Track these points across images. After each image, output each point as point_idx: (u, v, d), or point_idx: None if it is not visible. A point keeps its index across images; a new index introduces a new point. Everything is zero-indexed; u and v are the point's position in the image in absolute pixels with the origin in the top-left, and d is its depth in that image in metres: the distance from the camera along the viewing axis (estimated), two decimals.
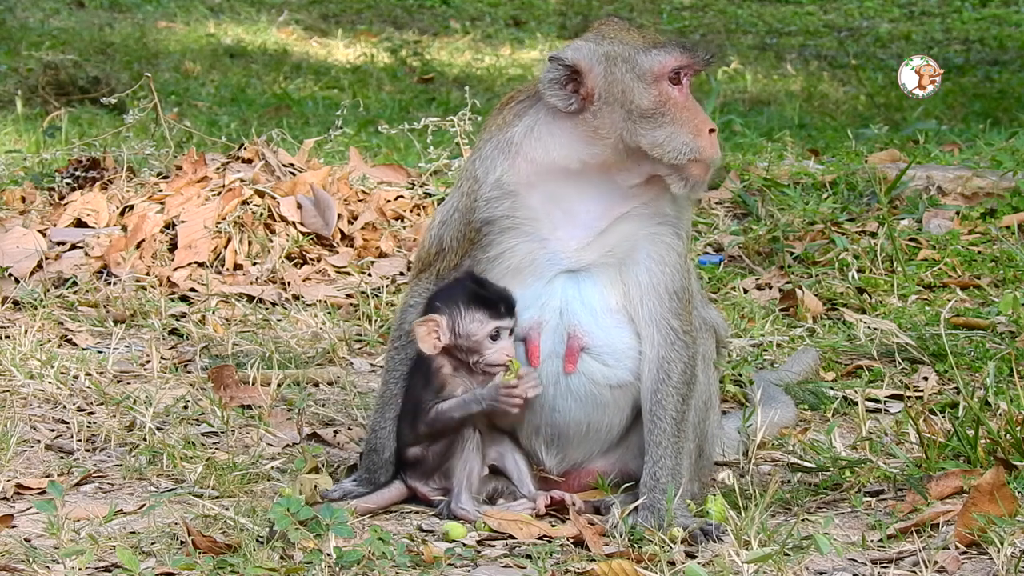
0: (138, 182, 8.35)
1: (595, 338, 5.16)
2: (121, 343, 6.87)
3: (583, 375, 5.17)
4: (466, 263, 5.21)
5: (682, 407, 5.16)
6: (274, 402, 6.19)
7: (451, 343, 5.18)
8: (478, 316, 5.14)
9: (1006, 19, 18.92)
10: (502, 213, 5.17)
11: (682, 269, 5.20)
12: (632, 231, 5.16)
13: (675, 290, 5.18)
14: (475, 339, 5.14)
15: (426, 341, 5.17)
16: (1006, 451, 5.25)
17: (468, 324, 5.14)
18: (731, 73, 15.79)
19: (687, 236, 5.26)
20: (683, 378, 5.17)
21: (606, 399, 5.20)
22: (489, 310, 5.12)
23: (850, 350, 6.84)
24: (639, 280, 5.17)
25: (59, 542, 4.78)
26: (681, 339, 5.18)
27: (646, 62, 5.10)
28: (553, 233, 5.16)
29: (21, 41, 16.05)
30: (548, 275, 5.17)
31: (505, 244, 5.18)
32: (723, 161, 9.23)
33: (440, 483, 5.23)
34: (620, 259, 5.17)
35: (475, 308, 5.13)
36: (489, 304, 5.12)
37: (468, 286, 5.16)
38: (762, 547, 4.68)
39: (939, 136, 11.39)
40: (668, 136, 5.05)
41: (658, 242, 5.18)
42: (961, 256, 7.86)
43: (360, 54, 16.81)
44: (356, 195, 8.37)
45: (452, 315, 5.15)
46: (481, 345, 5.15)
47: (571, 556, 4.83)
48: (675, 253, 5.19)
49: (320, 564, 4.53)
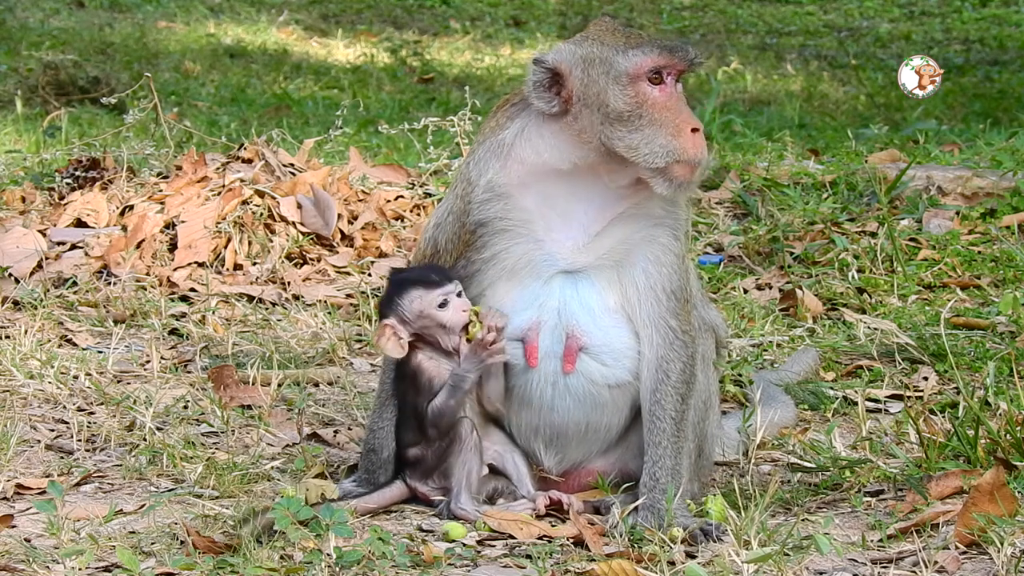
0: (138, 182, 8.35)
1: (593, 338, 5.16)
2: (121, 343, 6.87)
3: (582, 375, 5.17)
4: (460, 265, 5.21)
5: (681, 407, 5.16)
6: (274, 402, 6.19)
7: (415, 333, 5.18)
8: (415, 294, 5.15)
9: (1006, 19, 18.92)
10: (495, 215, 5.17)
11: (679, 269, 5.19)
12: (627, 233, 5.16)
13: (672, 290, 5.17)
14: (427, 315, 5.15)
15: (391, 346, 5.18)
16: (1006, 451, 5.25)
17: (411, 306, 5.15)
18: (731, 73, 15.79)
19: (685, 236, 5.24)
20: (682, 377, 5.17)
21: (605, 399, 5.20)
22: (422, 285, 5.14)
23: (850, 350, 6.84)
24: (636, 281, 5.17)
25: (59, 542, 4.78)
26: (680, 339, 5.18)
27: (622, 63, 5.08)
28: (548, 234, 5.15)
29: (21, 41, 16.05)
30: (545, 276, 5.17)
31: (499, 246, 5.18)
32: (723, 161, 9.29)
33: (440, 483, 5.23)
34: (617, 261, 5.17)
35: (409, 290, 5.15)
36: (419, 280, 5.15)
37: (394, 279, 5.23)
38: (762, 547, 4.68)
39: (939, 136, 11.40)
40: (645, 139, 5.02)
41: (654, 243, 5.17)
42: (961, 256, 7.86)
43: (360, 54, 16.81)
44: (356, 195, 8.37)
45: (395, 310, 5.17)
46: (436, 317, 5.15)
47: (571, 556, 4.83)
48: (671, 254, 5.19)
49: (320, 564, 4.53)
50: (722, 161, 9.32)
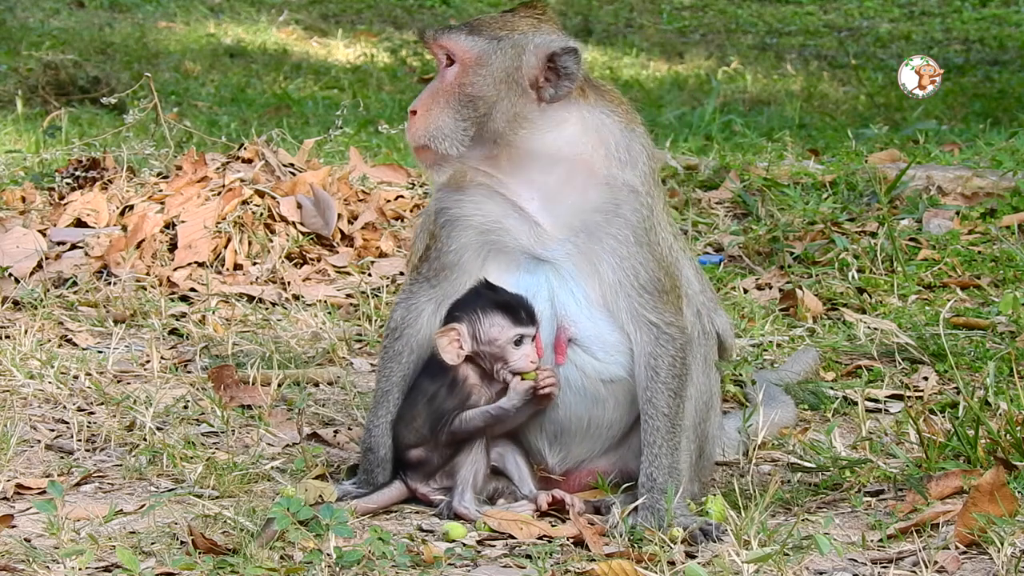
0: (138, 182, 8.34)
1: (582, 329, 5.15)
2: (121, 343, 6.87)
3: (576, 368, 5.16)
4: (432, 256, 5.24)
5: (674, 403, 5.13)
6: (274, 402, 6.19)
7: (474, 351, 5.17)
8: (499, 322, 5.13)
9: (1006, 19, 18.92)
10: (453, 207, 5.21)
11: (646, 261, 5.13)
12: (579, 223, 5.13)
13: (643, 284, 5.13)
14: (498, 345, 5.13)
15: (448, 351, 5.16)
16: (1006, 451, 5.25)
17: (489, 330, 5.13)
18: (731, 73, 15.79)
19: (645, 224, 5.14)
20: (672, 372, 5.14)
21: (602, 394, 5.19)
22: (509, 315, 5.12)
23: (850, 350, 6.84)
24: (604, 276, 5.14)
25: (59, 542, 4.78)
26: (666, 333, 5.14)
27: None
28: (511, 225, 5.17)
29: (21, 41, 16.05)
30: (529, 265, 5.16)
31: (461, 240, 5.21)
32: (723, 161, 9.29)
33: (442, 482, 5.22)
34: (584, 252, 5.15)
35: (495, 314, 5.13)
36: (509, 309, 5.12)
37: (485, 293, 5.16)
38: (762, 547, 4.68)
39: (939, 136, 11.40)
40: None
41: (603, 234, 5.13)
42: (961, 256, 7.86)
43: (360, 54, 16.81)
44: (356, 195, 8.37)
45: (472, 323, 5.15)
46: (505, 351, 5.14)
47: (571, 556, 4.83)
48: (627, 245, 5.13)
49: (320, 564, 4.53)
50: (722, 161, 9.32)
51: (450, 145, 5.10)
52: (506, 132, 5.10)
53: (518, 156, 5.13)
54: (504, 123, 5.09)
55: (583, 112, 5.15)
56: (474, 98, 5.10)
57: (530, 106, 5.11)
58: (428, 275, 5.27)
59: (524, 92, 5.10)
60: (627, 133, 5.19)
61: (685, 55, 17.08)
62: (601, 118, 5.17)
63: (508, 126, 5.09)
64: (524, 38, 5.12)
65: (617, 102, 5.24)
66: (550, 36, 5.15)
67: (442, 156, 5.12)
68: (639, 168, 5.16)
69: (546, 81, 5.10)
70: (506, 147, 5.12)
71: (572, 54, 5.10)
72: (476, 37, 5.13)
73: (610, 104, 5.22)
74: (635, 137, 5.20)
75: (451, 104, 5.11)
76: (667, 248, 5.18)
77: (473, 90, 5.11)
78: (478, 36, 5.13)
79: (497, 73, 5.10)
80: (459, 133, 5.10)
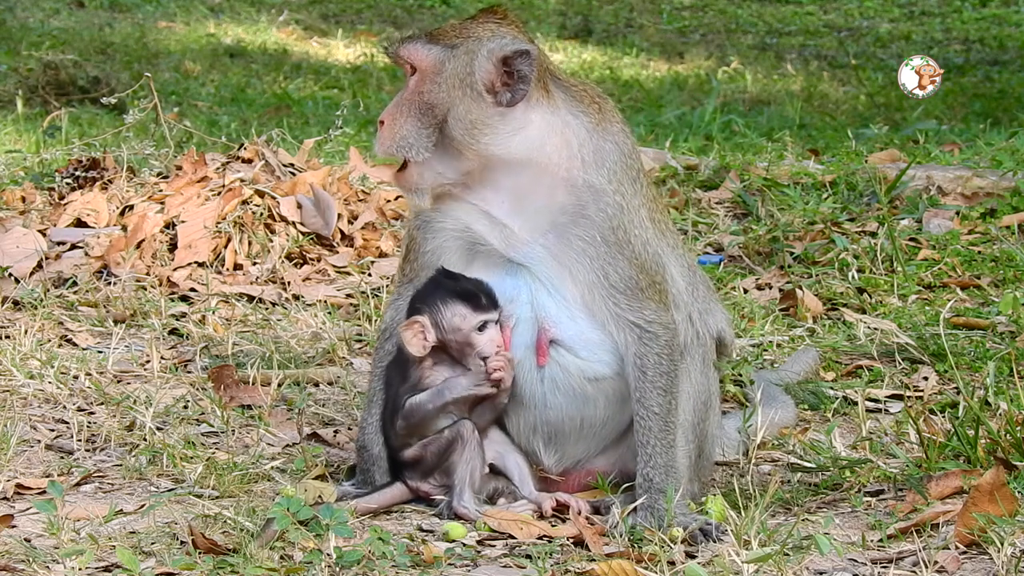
0: (138, 182, 8.34)
1: (564, 329, 5.14)
2: (121, 343, 6.87)
3: (560, 368, 5.16)
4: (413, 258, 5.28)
5: (665, 401, 5.12)
6: (274, 402, 6.19)
7: (440, 341, 5.18)
8: (460, 311, 5.14)
9: (1006, 19, 18.91)
10: (432, 211, 5.22)
11: (615, 261, 5.11)
12: (547, 225, 5.13)
13: (613, 284, 5.12)
14: (462, 333, 5.15)
15: (414, 344, 5.18)
16: (1006, 451, 5.25)
17: (451, 319, 5.15)
18: (731, 73, 15.79)
19: (612, 223, 5.11)
20: (659, 371, 5.13)
21: (590, 392, 5.19)
22: (470, 303, 5.14)
23: (850, 350, 6.84)
24: (577, 276, 5.14)
25: (59, 542, 4.78)
26: (648, 332, 5.13)
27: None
28: (481, 229, 5.17)
29: (21, 41, 16.05)
30: (509, 268, 5.17)
31: (436, 242, 5.23)
32: (723, 161, 9.29)
33: (441, 480, 5.23)
34: (555, 254, 5.14)
35: (456, 303, 5.14)
36: (469, 297, 5.14)
37: (444, 282, 5.19)
38: (762, 547, 4.68)
39: (939, 136, 11.40)
40: None
41: (571, 236, 5.12)
42: (961, 256, 7.86)
43: (360, 54, 16.81)
44: (356, 195, 8.37)
45: (434, 314, 5.17)
46: (469, 339, 5.15)
47: (571, 556, 4.83)
48: (595, 245, 5.12)
49: (320, 564, 4.54)
50: (722, 161, 9.32)
51: (416, 152, 5.12)
52: (466, 138, 5.10)
53: (487, 163, 5.14)
54: (462, 129, 5.09)
55: (545, 114, 5.15)
56: (432, 105, 5.12)
57: (488, 111, 5.10)
58: (411, 276, 5.31)
59: (479, 97, 5.10)
60: (595, 132, 5.17)
61: (685, 55, 17.09)
62: (567, 119, 5.16)
63: (467, 132, 5.09)
64: (478, 44, 5.12)
65: (588, 101, 5.22)
66: (503, 40, 5.12)
67: (418, 177, 5.15)
68: (606, 168, 5.14)
69: (503, 85, 5.10)
70: (475, 157, 5.12)
71: (525, 56, 5.08)
72: (433, 45, 5.16)
73: (579, 104, 5.20)
74: (606, 136, 5.18)
75: (412, 112, 5.14)
76: (641, 246, 5.14)
77: (430, 97, 5.13)
78: (435, 44, 5.16)
79: (451, 79, 5.11)
80: (423, 140, 5.12)
